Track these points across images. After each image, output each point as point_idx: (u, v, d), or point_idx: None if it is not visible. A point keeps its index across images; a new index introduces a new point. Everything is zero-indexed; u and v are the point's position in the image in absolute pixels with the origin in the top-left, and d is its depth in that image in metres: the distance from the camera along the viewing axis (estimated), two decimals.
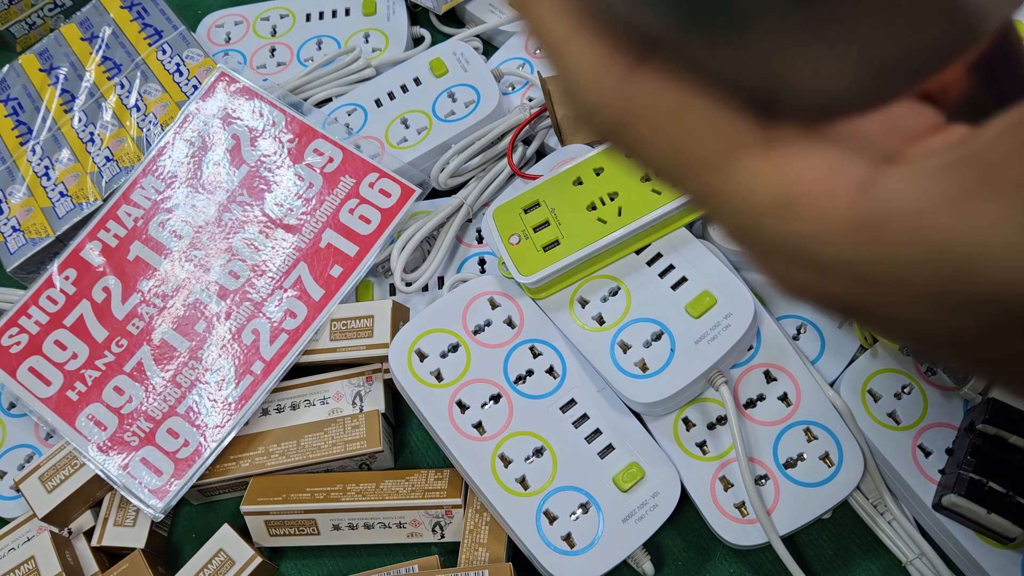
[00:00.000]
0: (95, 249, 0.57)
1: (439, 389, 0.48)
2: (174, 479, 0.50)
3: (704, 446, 0.46)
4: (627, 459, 0.45)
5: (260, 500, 0.48)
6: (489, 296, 0.50)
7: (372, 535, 0.48)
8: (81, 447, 0.51)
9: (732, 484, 0.45)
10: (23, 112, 0.64)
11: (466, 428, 0.46)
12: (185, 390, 0.52)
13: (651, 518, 0.44)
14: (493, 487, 0.45)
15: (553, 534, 0.44)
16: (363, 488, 0.48)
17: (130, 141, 0.61)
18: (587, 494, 0.45)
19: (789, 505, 0.44)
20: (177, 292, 0.55)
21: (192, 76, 0.63)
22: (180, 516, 0.53)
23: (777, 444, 0.45)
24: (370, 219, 0.55)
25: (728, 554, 0.46)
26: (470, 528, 0.46)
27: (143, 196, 0.58)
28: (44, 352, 0.54)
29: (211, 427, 0.51)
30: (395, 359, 0.48)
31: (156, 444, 0.51)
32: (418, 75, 0.61)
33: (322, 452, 0.49)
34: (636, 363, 0.46)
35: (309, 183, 0.57)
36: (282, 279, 0.54)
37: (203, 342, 0.53)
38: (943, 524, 0.43)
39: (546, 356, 0.48)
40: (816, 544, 0.46)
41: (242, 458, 0.50)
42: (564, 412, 0.47)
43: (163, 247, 0.56)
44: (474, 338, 0.49)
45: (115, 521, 0.50)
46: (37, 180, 0.61)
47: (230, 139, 0.59)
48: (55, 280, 0.56)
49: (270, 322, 0.53)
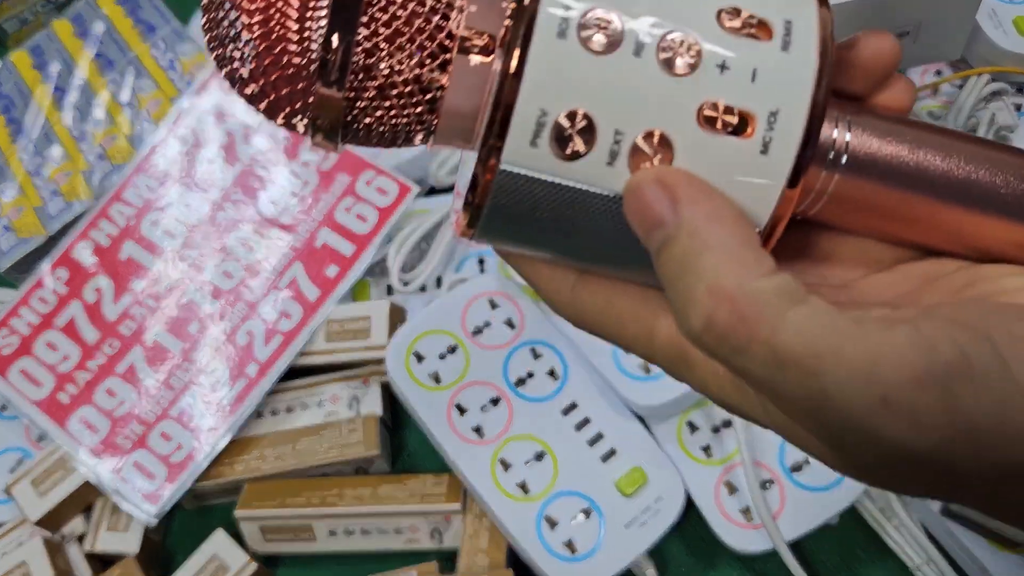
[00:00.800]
0: (87, 249, 0.56)
1: (437, 392, 0.47)
2: (168, 483, 0.49)
3: (708, 450, 0.45)
4: (630, 463, 0.45)
5: (255, 505, 0.47)
6: (489, 296, 0.49)
7: (369, 541, 0.47)
8: (72, 451, 0.50)
9: (737, 489, 0.44)
10: (14, 109, 0.63)
11: (465, 432, 0.46)
12: (178, 392, 0.51)
13: (654, 524, 0.43)
14: (493, 492, 0.44)
15: (554, 540, 0.43)
16: (360, 493, 0.47)
17: (123, 138, 0.60)
18: (589, 499, 0.44)
19: (795, 510, 0.43)
20: (170, 292, 0.54)
21: (186, 72, 0.62)
22: (174, 521, 0.52)
23: (783, 448, 0.45)
24: (366, 217, 0.54)
25: (733, 560, 0.45)
26: (469, 534, 0.45)
27: (136, 194, 0.57)
28: (35, 354, 0.53)
29: (205, 430, 0.50)
30: (392, 361, 0.48)
31: (149, 448, 0.50)
32: None
33: (318, 456, 0.48)
34: (640, 364, 0.45)
35: (304, 181, 0.56)
36: (277, 279, 0.53)
37: (196, 343, 0.52)
38: (950, 529, 0.43)
39: (547, 358, 0.47)
40: (822, 550, 0.45)
41: (237, 462, 0.49)
42: (565, 415, 0.46)
43: (156, 246, 0.55)
44: (473, 339, 0.48)
45: (108, 526, 0.49)
46: (29, 178, 0.61)
47: (224, 136, 0.58)
48: (47, 280, 0.55)
49: (265, 323, 0.52)
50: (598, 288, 0.23)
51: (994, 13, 0.53)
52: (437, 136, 0.22)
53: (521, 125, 0.20)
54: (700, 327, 0.18)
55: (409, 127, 0.22)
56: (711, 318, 0.18)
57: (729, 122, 0.20)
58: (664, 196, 0.19)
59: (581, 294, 0.24)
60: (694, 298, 0.18)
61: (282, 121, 0.22)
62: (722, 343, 0.18)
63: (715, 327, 0.18)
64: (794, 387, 0.18)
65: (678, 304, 0.19)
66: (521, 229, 0.22)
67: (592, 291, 0.24)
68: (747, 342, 0.18)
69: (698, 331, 0.19)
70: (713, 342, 0.18)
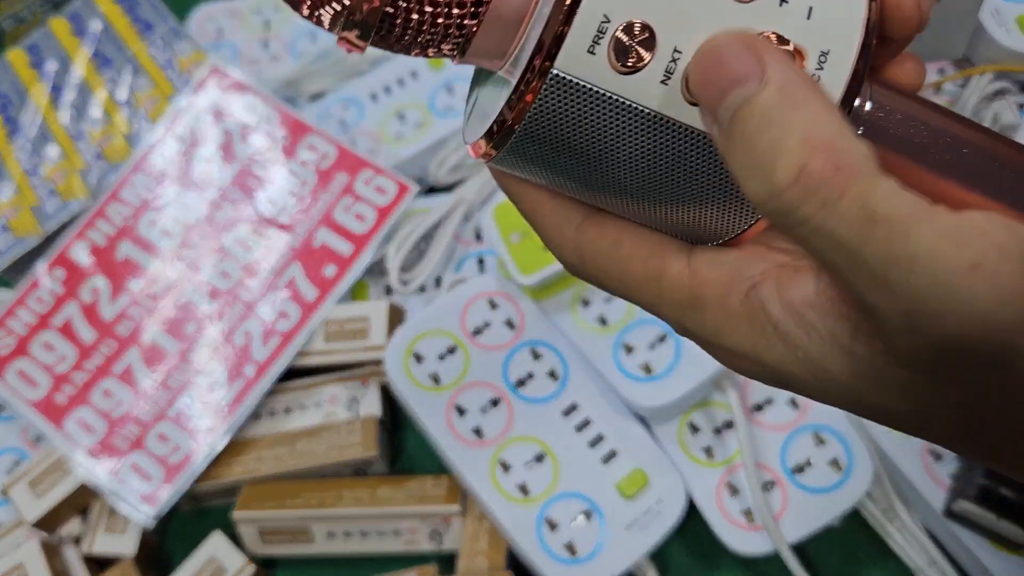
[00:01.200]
0: (84, 249, 0.55)
1: (437, 393, 0.47)
2: (165, 485, 0.49)
3: (710, 451, 0.45)
4: (631, 465, 0.44)
5: (253, 507, 0.47)
6: (488, 297, 0.49)
7: (368, 543, 0.47)
8: (69, 452, 0.50)
9: (739, 490, 0.44)
10: (11, 108, 0.63)
11: (465, 433, 0.45)
12: (176, 393, 0.51)
13: (656, 526, 0.43)
14: (492, 494, 0.44)
15: (555, 542, 0.43)
16: (358, 495, 0.47)
17: (120, 137, 0.60)
18: (589, 501, 0.44)
19: (797, 512, 0.43)
20: (167, 293, 0.53)
21: (184, 71, 0.61)
22: (172, 523, 0.52)
23: (785, 449, 0.44)
24: (365, 217, 0.54)
25: (734, 563, 0.45)
26: (469, 536, 0.45)
27: (133, 194, 0.57)
28: (32, 354, 0.53)
29: (203, 431, 0.50)
30: (391, 362, 0.47)
31: (146, 449, 0.50)
32: (415, 69, 0.60)
33: (317, 458, 0.48)
34: (640, 365, 0.45)
35: (303, 180, 0.56)
36: (275, 279, 0.53)
37: (194, 344, 0.52)
38: (953, 531, 0.42)
39: (547, 358, 0.47)
40: (825, 552, 0.45)
41: (235, 463, 0.49)
42: (566, 416, 0.46)
43: (153, 246, 0.55)
44: (473, 340, 0.48)
45: (105, 528, 0.49)
46: (25, 177, 0.60)
47: (222, 135, 0.57)
48: (43, 280, 0.55)
49: (263, 323, 0.52)
50: (607, 227, 0.23)
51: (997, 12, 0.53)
52: (471, 48, 0.21)
53: (581, 29, 0.19)
54: (789, 178, 0.18)
55: (448, 31, 0.21)
56: (805, 168, 0.18)
57: None
58: (750, 54, 0.19)
59: (588, 232, 0.23)
60: (785, 148, 0.18)
61: (307, 11, 0.21)
62: (810, 196, 0.18)
63: (808, 177, 0.18)
64: (880, 247, 0.17)
65: (760, 159, 0.18)
66: (550, 151, 0.21)
67: (600, 230, 0.23)
68: (839, 195, 0.17)
69: (785, 183, 0.18)
70: (799, 196, 0.18)
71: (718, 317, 0.22)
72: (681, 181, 0.21)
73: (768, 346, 0.21)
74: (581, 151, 0.21)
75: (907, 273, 0.17)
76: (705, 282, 0.22)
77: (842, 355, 0.20)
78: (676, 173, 0.21)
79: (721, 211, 0.22)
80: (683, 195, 0.22)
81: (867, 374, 0.20)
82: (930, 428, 0.21)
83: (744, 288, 0.21)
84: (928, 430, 0.21)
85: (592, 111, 0.20)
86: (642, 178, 0.21)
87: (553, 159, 0.21)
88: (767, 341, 0.21)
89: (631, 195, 0.22)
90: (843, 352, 0.20)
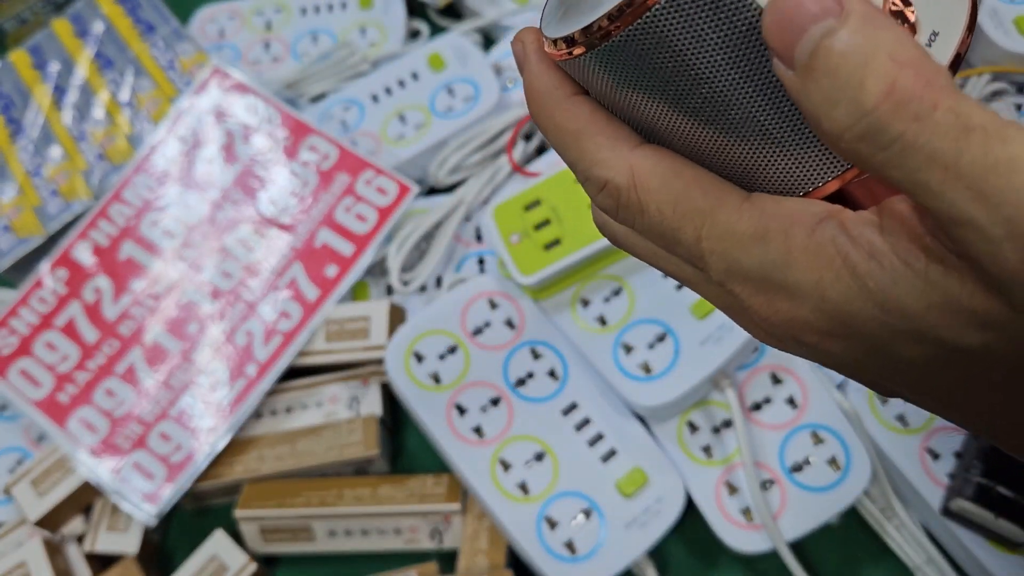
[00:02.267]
0: (86, 249, 0.56)
1: (437, 392, 0.47)
2: (167, 484, 0.49)
3: (709, 450, 0.45)
4: (630, 464, 0.44)
5: (254, 505, 0.47)
6: (488, 296, 0.49)
7: (369, 542, 0.47)
8: (72, 451, 0.50)
9: (737, 489, 0.44)
10: (14, 109, 0.63)
11: (465, 432, 0.46)
12: (178, 393, 0.51)
13: (655, 524, 0.43)
14: (493, 493, 0.44)
15: (554, 541, 0.43)
16: (359, 493, 0.47)
17: (122, 138, 0.60)
18: (589, 500, 0.44)
19: (796, 510, 0.43)
20: (169, 292, 0.54)
21: (185, 72, 0.62)
22: (173, 521, 0.52)
23: (783, 448, 0.44)
24: (366, 217, 0.54)
25: (733, 561, 0.45)
26: (469, 534, 0.45)
27: (135, 194, 0.57)
28: (35, 354, 0.53)
29: (204, 430, 0.50)
30: (392, 361, 0.48)
31: (148, 448, 0.50)
32: (416, 70, 0.60)
33: (318, 457, 0.48)
34: (639, 365, 0.45)
35: (304, 181, 0.56)
36: (276, 279, 0.53)
37: (196, 344, 0.52)
38: (951, 529, 0.42)
39: (547, 358, 0.47)
40: (823, 550, 0.45)
41: (236, 462, 0.49)
42: (565, 416, 0.46)
43: (155, 246, 0.55)
44: (473, 340, 0.48)
45: (107, 526, 0.49)
46: (28, 178, 0.60)
47: (223, 136, 0.58)
48: (46, 280, 0.55)
49: (264, 323, 0.52)
50: (666, 155, 0.22)
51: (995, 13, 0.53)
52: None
53: None
54: (880, 95, 0.17)
55: None
56: (895, 83, 0.17)
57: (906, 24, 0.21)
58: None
59: (648, 154, 0.22)
60: (873, 67, 0.18)
61: None
62: (903, 110, 0.17)
63: (899, 91, 0.17)
64: (978, 153, 0.17)
65: (847, 82, 0.18)
66: (652, 61, 0.20)
67: (660, 156, 0.22)
68: (932, 107, 0.17)
69: (876, 101, 0.17)
70: (890, 112, 0.17)
71: (783, 249, 0.21)
72: (774, 112, 0.21)
73: (835, 278, 0.20)
74: (686, 67, 0.20)
75: (1007, 176, 0.17)
76: (771, 215, 0.21)
77: (915, 279, 0.19)
78: (773, 102, 0.20)
79: (800, 157, 0.22)
80: (770, 131, 0.21)
81: (939, 302, 0.19)
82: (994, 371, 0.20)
83: (811, 223, 0.21)
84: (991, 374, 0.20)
85: (711, 20, 0.20)
86: (738, 104, 0.21)
87: (651, 70, 0.21)
88: (834, 273, 0.20)
89: (716, 125, 0.21)
90: (917, 276, 0.19)
